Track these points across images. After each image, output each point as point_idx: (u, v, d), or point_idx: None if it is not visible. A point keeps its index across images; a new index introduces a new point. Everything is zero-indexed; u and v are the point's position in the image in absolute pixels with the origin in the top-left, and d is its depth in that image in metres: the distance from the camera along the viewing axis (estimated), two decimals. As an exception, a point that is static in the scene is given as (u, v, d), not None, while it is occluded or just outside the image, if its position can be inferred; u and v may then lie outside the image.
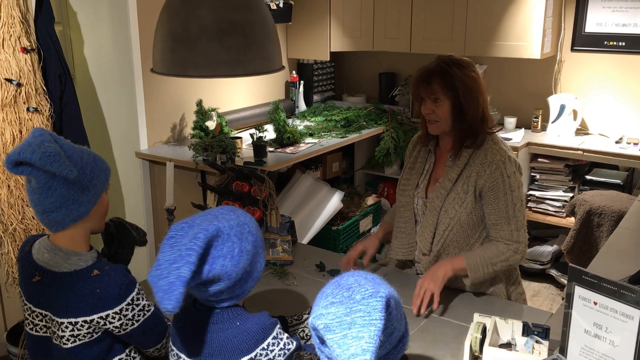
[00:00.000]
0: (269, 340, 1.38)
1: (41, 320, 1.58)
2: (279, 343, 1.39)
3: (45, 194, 1.47)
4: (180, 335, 1.43)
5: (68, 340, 1.52)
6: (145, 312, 1.56)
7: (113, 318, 1.51)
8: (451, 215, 2.02)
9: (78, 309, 1.50)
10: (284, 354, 1.40)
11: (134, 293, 1.54)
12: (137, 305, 1.54)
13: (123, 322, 1.53)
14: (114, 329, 1.53)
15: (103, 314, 1.50)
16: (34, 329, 1.60)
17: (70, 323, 1.51)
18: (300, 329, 1.74)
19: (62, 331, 1.52)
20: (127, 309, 1.52)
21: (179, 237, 1.29)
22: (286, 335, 1.42)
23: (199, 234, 1.26)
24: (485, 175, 1.99)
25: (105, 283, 1.50)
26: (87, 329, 1.52)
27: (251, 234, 1.36)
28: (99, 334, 1.55)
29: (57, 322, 1.52)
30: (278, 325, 1.41)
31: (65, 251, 1.53)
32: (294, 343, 1.42)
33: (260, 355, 1.37)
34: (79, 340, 1.53)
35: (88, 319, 1.50)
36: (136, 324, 1.55)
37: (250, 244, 1.35)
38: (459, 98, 1.98)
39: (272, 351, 1.38)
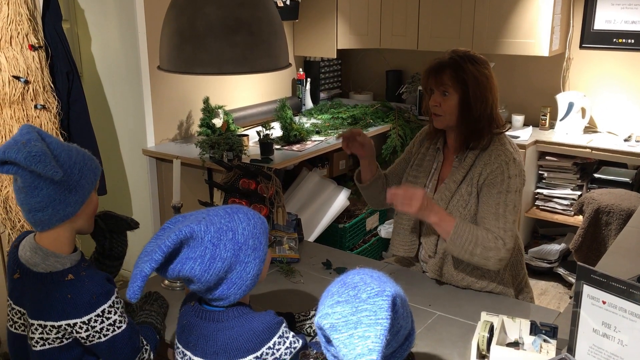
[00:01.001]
0: (275, 339, 1.38)
1: (19, 318, 1.57)
2: (284, 342, 1.39)
3: (31, 194, 1.44)
4: (186, 332, 1.44)
5: (37, 342, 1.50)
6: (115, 328, 1.50)
7: (80, 328, 1.47)
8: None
9: (48, 312, 1.46)
10: (290, 352, 1.40)
11: (106, 305, 1.48)
12: (108, 318, 1.48)
13: (90, 334, 1.47)
14: (80, 339, 1.49)
15: (71, 322, 1.46)
16: (13, 326, 1.59)
17: (40, 325, 1.48)
18: (307, 325, 1.74)
19: (32, 333, 1.49)
20: (95, 321, 1.47)
21: (167, 230, 1.31)
22: (292, 333, 1.42)
23: (172, 234, 1.27)
24: (486, 174, 1.95)
25: (78, 289, 1.46)
26: (55, 334, 1.48)
27: (233, 242, 1.32)
28: (69, 340, 1.51)
29: (29, 322, 1.50)
30: (284, 324, 1.41)
31: (44, 251, 1.49)
32: (300, 341, 1.42)
33: (267, 354, 1.37)
34: (48, 344, 1.50)
35: (56, 324, 1.47)
36: (103, 339, 1.49)
37: (228, 251, 1.31)
38: (468, 93, 1.94)
39: (278, 350, 1.38)
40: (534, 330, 1.63)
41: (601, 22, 3.98)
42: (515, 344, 1.65)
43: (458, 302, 1.97)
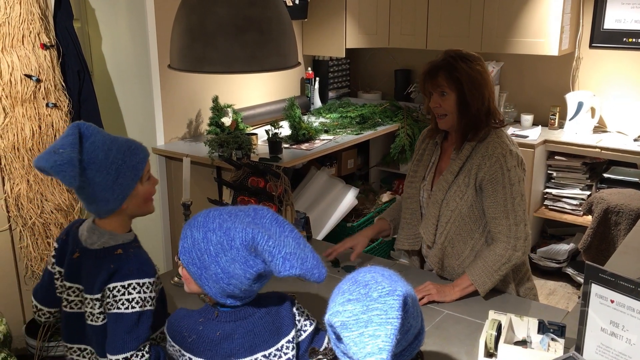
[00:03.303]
0: (295, 310, 1.44)
1: (77, 296, 1.63)
2: (302, 312, 1.45)
3: (77, 192, 1.56)
4: (225, 341, 1.38)
5: (98, 317, 1.56)
6: (129, 306, 1.50)
7: (103, 296, 1.53)
8: (452, 207, 2.04)
9: (96, 284, 1.53)
10: (310, 323, 1.45)
11: (134, 282, 1.51)
12: (129, 293, 1.51)
13: (109, 302, 1.51)
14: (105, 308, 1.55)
15: (104, 287, 1.52)
16: (68, 305, 1.64)
17: (92, 300, 1.55)
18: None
19: (92, 308, 1.56)
20: (119, 290, 1.51)
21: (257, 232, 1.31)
22: (305, 310, 1.47)
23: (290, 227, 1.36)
24: (485, 168, 2.00)
25: (121, 262, 1.53)
26: (98, 308, 1.55)
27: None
28: None
29: (87, 298, 1.57)
30: (295, 300, 1.47)
31: (101, 231, 1.59)
32: (315, 321, 1.47)
33: (295, 326, 1.42)
34: (103, 320, 1.56)
35: (99, 296, 1.54)
36: (112, 310, 1.51)
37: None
38: (464, 91, 2.01)
39: (299, 321, 1.43)
40: (542, 329, 1.63)
41: (611, 21, 3.97)
42: (523, 343, 1.65)
43: (466, 300, 1.97)
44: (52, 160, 1.46)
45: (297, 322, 1.42)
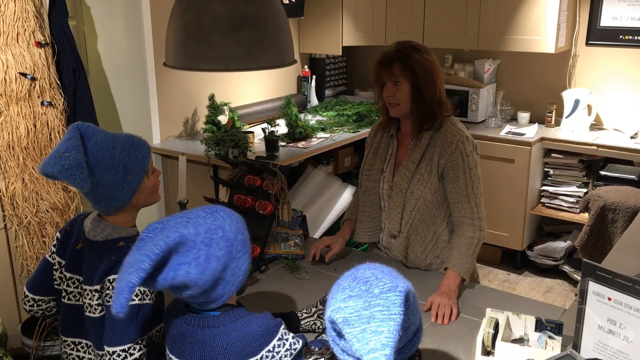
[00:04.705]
0: (275, 342, 1.36)
1: (77, 287, 1.62)
2: (284, 344, 1.38)
3: (85, 193, 1.55)
4: (178, 341, 1.39)
5: (95, 309, 1.55)
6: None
7: (103, 287, 1.52)
8: (417, 196, 2.09)
9: (96, 275, 1.53)
10: (291, 354, 1.38)
11: None
12: None
13: (109, 294, 1.50)
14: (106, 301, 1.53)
15: (104, 279, 1.51)
16: (67, 297, 1.64)
17: (91, 291, 1.54)
18: (312, 322, 1.74)
19: (90, 299, 1.55)
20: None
21: (147, 240, 1.26)
22: (292, 335, 1.40)
23: (159, 242, 1.22)
24: (447, 155, 2.06)
25: (122, 254, 1.47)
26: (97, 299, 1.55)
27: (224, 240, 1.30)
28: None
29: (86, 289, 1.56)
30: (282, 326, 1.39)
31: (105, 224, 1.59)
32: (300, 342, 1.41)
33: (267, 357, 1.35)
34: (101, 312, 1.55)
35: (98, 287, 1.53)
36: (111, 301, 1.45)
37: (221, 249, 1.30)
38: (418, 80, 2.05)
39: (278, 353, 1.36)
40: (539, 326, 1.63)
41: (607, 19, 3.97)
42: (521, 341, 1.65)
43: (463, 298, 1.97)
44: (60, 165, 1.45)
45: (274, 354, 1.36)
